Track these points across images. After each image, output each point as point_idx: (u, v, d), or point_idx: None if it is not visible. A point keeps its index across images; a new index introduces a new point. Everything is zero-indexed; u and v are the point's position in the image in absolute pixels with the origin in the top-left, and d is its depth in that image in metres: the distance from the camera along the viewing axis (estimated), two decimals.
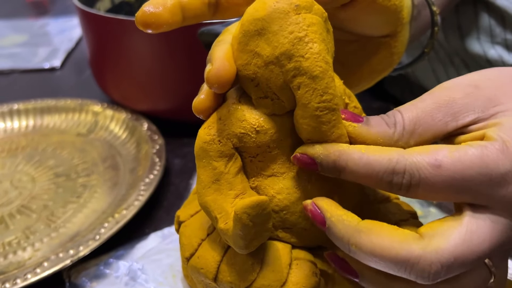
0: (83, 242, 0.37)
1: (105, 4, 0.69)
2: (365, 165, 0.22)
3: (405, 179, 0.21)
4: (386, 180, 0.22)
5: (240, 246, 0.25)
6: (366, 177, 0.22)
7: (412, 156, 0.21)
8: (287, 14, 0.22)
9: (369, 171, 0.22)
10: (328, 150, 0.23)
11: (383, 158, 0.22)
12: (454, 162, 0.21)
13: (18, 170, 0.52)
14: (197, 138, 0.26)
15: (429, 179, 0.21)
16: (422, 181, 0.21)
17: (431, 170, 0.21)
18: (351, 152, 0.22)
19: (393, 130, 0.23)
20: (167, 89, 0.54)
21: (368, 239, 0.22)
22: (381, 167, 0.22)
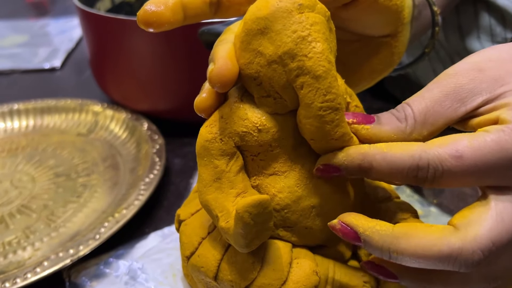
0: (83, 242, 0.37)
1: (105, 4, 0.69)
2: (389, 164, 0.23)
3: (430, 173, 0.22)
4: (411, 176, 0.23)
5: (241, 245, 0.24)
6: (391, 175, 0.23)
7: (433, 149, 0.22)
8: (290, 13, 0.22)
9: (394, 169, 0.23)
10: (351, 155, 0.24)
11: (405, 155, 0.22)
12: (475, 151, 0.21)
13: (18, 170, 0.52)
14: (199, 136, 0.26)
15: (452, 170, 0.22)
16: (445, 173, 0.22)
17: (453, 161, 0.22)
18: (374, 153, 0.23)
19: (405, 124, 0.24)
20: (167, 89, 0.54)
21: (408, 243, 0.22)
22: (405, 164, 0.22)
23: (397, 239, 0.22)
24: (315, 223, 0.27)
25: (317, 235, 0.28)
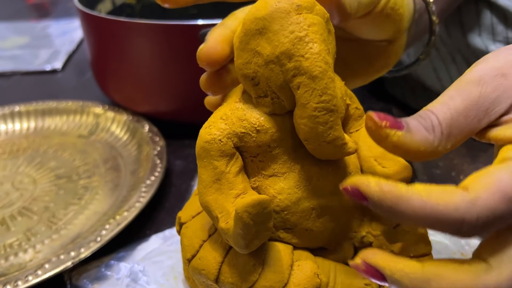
0: (84, 244, 0.37)
1: (106, 6, 0.69)
2: (428, 215, 0.20)
3: (479, 226, 0.20)
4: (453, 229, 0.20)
5: (241, 246, 0.24)
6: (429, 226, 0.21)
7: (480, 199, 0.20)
8: (288, 13, 0.23)
9: (433, 221, 0.20)
10: (383, 191, 0.20)
11: (449, 207, 0.20)
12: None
13: (19, 172, 0.52)
14: (198, 137, 0.26)
15: (504, 215, 0.20)
16: (497, 221, 0.20)
17: (504, 207, 0.20)
18: (411, 198, 0.20)
19: (433, 136, 0.22)
20: (168, 91, 0.54)
21: (439, 286, 0.20)
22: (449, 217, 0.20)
23: (428, 281, 0.20)
24: (316, 224, 0.27)
25: (318, 237, 0.28)
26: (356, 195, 0.21)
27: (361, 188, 0.21)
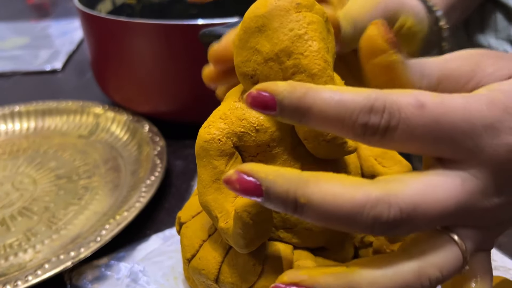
0: (84, 244, 0.37)
1: (106, 6, 0.69)
2: (338, 103, 0.19)
3: (384, 119, 0.19)
4: (361, 122, 0.19)
5: (240, 245, 0.24)
6: (336, 120, 0.19)
7: (392, 94, 0.19)
8: (288, 11, 0.23)
9: (342, 111, 0.19)
10: (293, 86, 0.19)
11: (359, 96, 0.19)
12: (437, 104, 0.19)
13: (20, 172, 0.52)
14: (198, 137, 0.26)
15: (410, 119, 0.19)
16: (402, 122, 0.19)
17: (413, 110, 0.19)
18: (321, 89, 0.19)
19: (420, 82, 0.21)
20: (168, 91, 0.54)
21: (318, 187, 0.19)
22: (357, 105, 0.19)
23: (305, 182, 0.19)
24: (316, 224, 0.27)
25: (318, 237, 0.28)
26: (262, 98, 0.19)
27: (268, 89, 0.19)
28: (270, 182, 0.19)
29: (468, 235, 0.21)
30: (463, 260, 0.21)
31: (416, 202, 0.19)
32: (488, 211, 0.20)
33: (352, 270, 0.20)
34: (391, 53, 0.20)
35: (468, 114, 0.19)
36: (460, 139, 0.19)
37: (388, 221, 0.18)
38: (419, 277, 0.20)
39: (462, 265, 0.21)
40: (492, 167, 0.20)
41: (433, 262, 0.20)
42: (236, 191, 0.19)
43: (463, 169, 0.20)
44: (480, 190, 0.20)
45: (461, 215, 0.20)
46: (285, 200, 0.19)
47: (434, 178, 0.20)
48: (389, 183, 0.19)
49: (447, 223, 0.21)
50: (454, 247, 0.21)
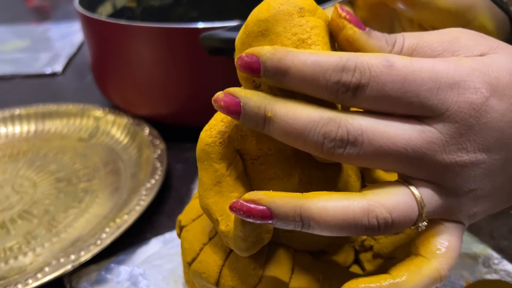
0: (84, 247, 0.37)
1: (106, 9, 0.69)
2: (313, 63, 0.21)
3: (355, 77, 0.20)
4: (333, 80, 0.20)
5: (241, 248, 0.24)
6: (312, 79, 0.21)
7: (364, 56, 0.21)
8: (291, 16, 0.23)
9: (317, 70, 0.21)
10: (275, 49, 0.21)
11: (332, 56, 0.21)
12: (406, 64, 0.20)
13: (20, 175, 0.52)
14: (199, 140, 0.26)
15: (380, 77, 0.20)
16: (372, 80, 0.20)
17: (383, 68, 0.20)
18: (299, 52, 0.21)
19: (390, 49, 0.23)
20: (169, 94, 0.54)
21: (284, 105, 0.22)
22: (330, 64, 0.20)
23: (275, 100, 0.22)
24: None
25: (318, 241, 0.28)
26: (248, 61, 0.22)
27: (254, 52, 0.22)
28: (246, 99, 0.22)
29: (427, 190, 0.22)
30: (418, 212, 0.21)
31: (364, 129, 0.21)
32: (450, 167, 0.21)
33: (306, 196, 0.22)
34: (348, 27, 0.22)
35: (435, 73, 0.20)
36: (426, 96, 0.20)
37: (336, 139, 0.21)
38: (367, 213, 0.21)
39: (416, 217, 0.22)
40: (456, 123, 0.21)
41: (383, 202, 0.21)
42: (221, 109, 0.23)
43: (427, 122, 0.21)
44: (440, 143, 0.21)
45: (417, 163, 0.21)
46: (257, 114, 0.22)
47: (391, 121, 0.21)
48: (346, 112, 0.21)
49: (401, 168, 0.22)
50: (407, 194, 0.22)
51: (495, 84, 0.21)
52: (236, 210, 0.22)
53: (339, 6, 0.23)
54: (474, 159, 0.21)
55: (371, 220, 0.21)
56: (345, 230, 0.21)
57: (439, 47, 0.22)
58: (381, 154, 0.21)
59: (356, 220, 0.21)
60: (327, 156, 0.21)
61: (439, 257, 0.22)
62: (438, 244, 0.22)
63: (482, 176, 0.22)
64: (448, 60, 0.21)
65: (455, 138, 0.21)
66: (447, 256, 0.22)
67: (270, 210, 0.21)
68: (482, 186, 0.22)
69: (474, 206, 0.23)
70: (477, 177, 0.22)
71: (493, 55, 0.22)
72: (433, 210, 0.22)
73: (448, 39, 0.23)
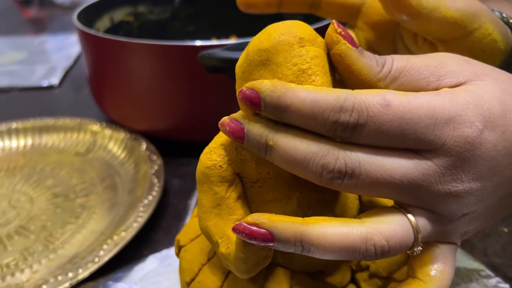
0: (82, 265, 0.37)
1: (104, 23, 0.69)
2: (311, 102, 0.21)
3: (353, 117, 0.21)
4: (332, 120, 0.21)
5: (242, 271, 0.25)
6: (310, 117, 0.21)
7: (361, 95, 0.21)
8: (292, 46, 0.23)
9: (315, 109, 0.21)
10: (275, 86, 0.22)
11: (330, 96, 0.21)
12: (403, 102, 0.21)
13: (16, 190, 0.52)
14: (199, 163, 0.27)
15: (377, 117, 0.21)
16: (370, 120, 0.21)
17: (380, 108, 0.21)
18: (298, 90, 0.22)
19: (380, 69, 0.23)
20: (166, 109, 0.55)
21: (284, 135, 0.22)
22: (328, 104, 0.21)
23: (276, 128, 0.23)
24: None
25: (316, 261, 0.28)
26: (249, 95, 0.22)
27: (255, 87, 0.22)
28: (250, 126, 0.23)
29: (423, 217, 0.23)
30: (414, 238, 0.22)
31: (361, 162, 0.21)
32: (445, 197, 0.22)
33: (307, 222, 0.22)
34: (342, 43, 0.23)
35: (431, 110, 0.21)
36: (423, 132, 0.21)
37: (334, 171, 0.21)
38: (365, 241, 0.21)
39: (412, 243, 0.22)
40: (452, 156, 0.21)
41: (381, 230, 0.22)
42: (226, 133, 0.24)
43: (423, 155, 0.22)
44: (435, 174, 0.22)
45: (413, 193, 0.22)
46: (259, 142, 0.23)
47: (388, 154, 0.22)
48: (344, 144, 0.22)
49: (397, 197, 0.22)
50: (404, 222, 0.22)
51: (488, 115, 0.22)
52: (239, 232, 0.23)
53: (336, 22, 0.24)
54: (468, 188, 0.22)
55: (369, 248, 0.21)
56: (344, 255, 0.22)
57: (425, 71, 0.23)
58: (378, 185, 0.22)
59: (355, 247, 0.21)
60: (326, 185, 0.22)
61: (435, 280, 0.23)
62: (434, 268, 0.23)
63: (475, 202, 0.22)
64: (443, 95, 0.22)
65: (450, 170, 0.21)
66: (442, 279, 0.23)
67: (271, 234, 0.22)
68: (474, 210, 0.23)
69: (466, 227, 0.24)
70: (470, 203, 0.22)
71: (481, 83, 0.23)
72: (428, 235, 0.23)
73: (435, 63, 0.23)
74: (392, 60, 0.24)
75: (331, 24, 0.24)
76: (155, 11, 0.76)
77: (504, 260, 0.39)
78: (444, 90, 0.22)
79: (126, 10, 0.73)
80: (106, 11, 0.70)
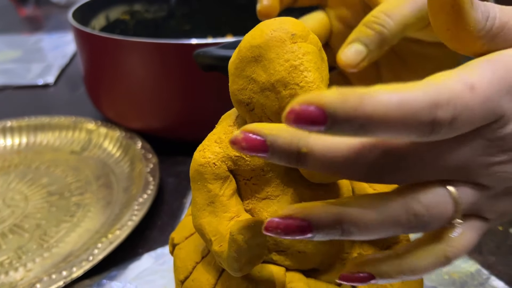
0: (76, 263, 0.37)
1: (100, 21, 0.69)
2: (399, 105, 0.17)
3: (449, 112, 0.18)
4: (428, 119, 0.17)
5: (234, 269, 0.25)
6: (401, 122, 0.17)
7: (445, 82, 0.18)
8: (284, 42, 0.23)
9: (406, 114, 0.17)
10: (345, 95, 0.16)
11: (417, 91, 0.17)
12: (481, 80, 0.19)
13: (11, 188, 0.52)
14: (192, 160, 0.27)
15: (468, 104, 0.18)
16: (464, 109, 0.18)
17: (468, 93, 0.18)
18: (376, 93, 0.17)
19: (483, 24, 0.21)
20: (161, 108, 0.55)
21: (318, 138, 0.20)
22: (421, 102, 0.17)
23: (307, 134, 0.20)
24: (308, 246, 0.27)
25: (310, 259, 0.28)
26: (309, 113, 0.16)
27: (315, 102, 0.16)
28: (274, 138, 0.20)
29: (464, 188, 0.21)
30: (455, 209, 0.21)
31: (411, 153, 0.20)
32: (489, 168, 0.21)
33: (343, 202, 0.20)
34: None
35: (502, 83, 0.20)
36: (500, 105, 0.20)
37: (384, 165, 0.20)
38: (406, 211, 0.20)
39: (453, 213, 0.21)
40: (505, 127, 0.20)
41: (421, 200, 0.20)
42: (243, 150, 0.20)
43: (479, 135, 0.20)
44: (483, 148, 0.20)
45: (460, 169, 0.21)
46: (289, 151, 0.20)
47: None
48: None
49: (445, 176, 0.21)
50: (444, 191, 0.21)
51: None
52: (272, 230, 0.20)
53: None
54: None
55: (410, 218, 0.20)
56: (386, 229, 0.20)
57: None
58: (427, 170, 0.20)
59: (396, 218, 0.20)
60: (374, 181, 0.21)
61: (450, 240, 0.22)
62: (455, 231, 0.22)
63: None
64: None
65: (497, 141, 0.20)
66: (458, 243, 0.22)
67: (309, 223, 0.20)
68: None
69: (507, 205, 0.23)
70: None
71: None
72: (468, 208, 0.22)
73: None
74: (495, 14, 0.21)
75: None
76: (151, 10, 0.75)
77: (499, 258, 0.39)
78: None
79: (122, 9, 0.73)
80: (102, 10, 0.70)
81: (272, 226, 0.20)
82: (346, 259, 0.30)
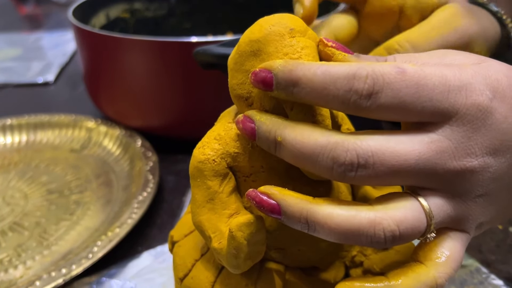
0: (76, 261, 0.37)
1: (100, 19, 0.69)
2: (323, 73, 0.21)
3: (368, 84, 0.20)
4: (345, 88, 0.20)
5: (233, 266, 0.25)
6: (323, 88, 0.21)
7: (374, 64, 0.21)
8: (282, 36, 0.23)
9: (327, 79, 0.21)
10: (287, 62, 0.22)
11: (342, 66, 0.21)
12: (417, 70, 0.21)
13: (11, 186, 0.51)
14: (192, 157, 0.27)
15: (394, 84, 0.20)
16: (386, 86, 0.20)
17: (396, 75, 0.20)
18: (310, 63, 0.21)
19: None
20: (161, 106, 0.55)
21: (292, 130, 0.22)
22: (341, 73, 0.20)
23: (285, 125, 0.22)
24: (307, 245, 0.27)
25: (309, 257, 0.28)
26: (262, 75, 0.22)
27: (267, 66, 0.22)
28: (259, 123, 0.23)
29: (436, 200, 0.22)
30: (427, 224, 0.21)
31: (373, 150, 0.20)
32: (460, 173, 0.21)
33: (316, 201, 0.22)
34: (337, 53, 0.23)
35: (444, 77, 0.21)
36: (438, 99, 0.21)
37: (345, 163, 0.21)
38: (374, 225, 0.21)
39: (425, 229, 0.21)
40: (464, 126, 0.21)
41: (391, 215, 0.21)
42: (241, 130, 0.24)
43: (435, 131, 0.21)
44: (449, 150, 0.21)
45: (428, 174, 0.21)
46: (269, 139, 0.23)
47: (400, 136, 0.21)
48: (353, 134, 0.21)
49: (412, 181, 0.22)
50: (416, 207, 0.21)
51: (496, 86, 0.21)
52: (251, 198, 0.23)
53: (324, 38, 0.24)
54: (483, 163, 0.21)
55: (377, 232, 0.21)
56: (350, 239, 0.21)
57: (430, 60, 0.23)
58: (393, 172, 0.21)
59: (361, 231, 0.21)
60: (339, 179, 0.21)
61: (438, 265, 0.22)
62: (439, 253, 0.22)
63: (490, 181, 0.22)
64: (452, 66, 0.22)
65: (463, 143, 0.21)
66: (446, 266, 0.22)
67: (279, 206, 0.22)
68: (489, 191, 0.22)
69: (481, 214, 0.23)
70: (485, 181, 0.22)
71: (485, 63, 0.23)
72: (442, 221, 0.22)
73: (437, 55, 0.23)
74: (394, 57, 0.23)
75: (320, 41, 0.24)
76: (151, 8, 0.75)
77: (498, 257, 0.39)
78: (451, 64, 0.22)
79: (122, 7, 0.73)
80: (102, 8, 0.70)
81: (250, 195, 0.23)
82: (345, 257, 0.30)
